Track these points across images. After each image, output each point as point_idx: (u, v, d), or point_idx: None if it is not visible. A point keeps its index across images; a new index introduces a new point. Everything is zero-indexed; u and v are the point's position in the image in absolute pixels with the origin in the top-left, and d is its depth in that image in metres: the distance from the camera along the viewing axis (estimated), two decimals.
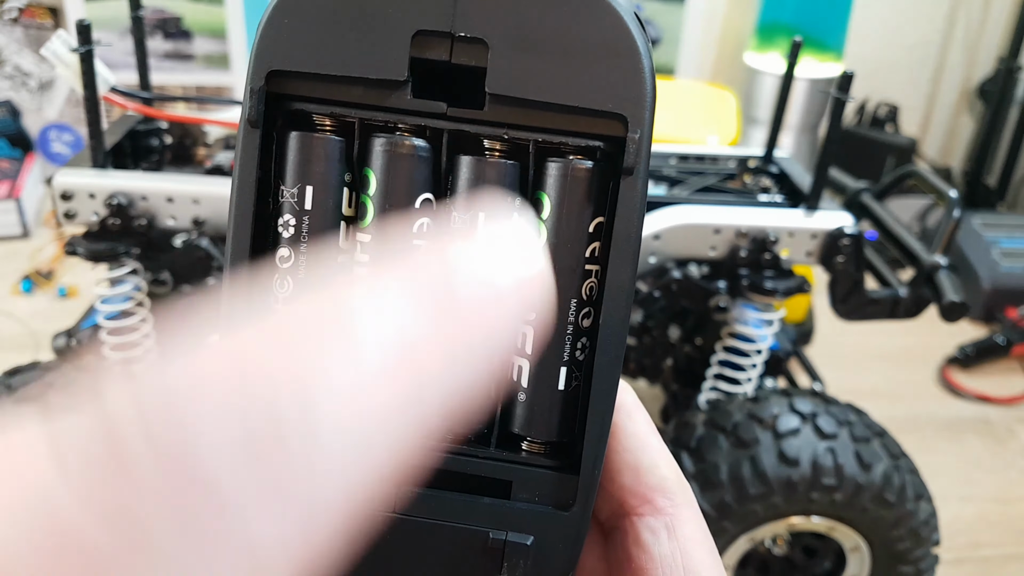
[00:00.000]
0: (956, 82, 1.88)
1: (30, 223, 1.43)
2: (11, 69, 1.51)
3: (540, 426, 0.22)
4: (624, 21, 0.20)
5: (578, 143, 0.21)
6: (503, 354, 0.15)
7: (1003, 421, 1.19)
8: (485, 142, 0.22)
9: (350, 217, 0.22)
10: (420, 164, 0.21)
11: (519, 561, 0.21)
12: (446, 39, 0.20)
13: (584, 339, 0.22)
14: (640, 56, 0.20)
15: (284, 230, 0.22)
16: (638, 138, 0.20)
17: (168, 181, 0.71)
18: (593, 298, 0.22)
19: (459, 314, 0.14)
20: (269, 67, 0.21)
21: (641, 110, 0.20)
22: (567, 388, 0.22)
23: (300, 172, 0.21)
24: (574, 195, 0.21)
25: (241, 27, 1.51)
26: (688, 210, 0.75)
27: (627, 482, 0.22)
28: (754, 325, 0.81)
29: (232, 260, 0.21)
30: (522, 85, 0.20)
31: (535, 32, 0.20)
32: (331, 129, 0.22)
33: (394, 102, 0.21)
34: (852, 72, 0.70)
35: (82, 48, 0.66)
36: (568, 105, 0.20)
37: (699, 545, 0.22)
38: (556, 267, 0.21)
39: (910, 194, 1.56)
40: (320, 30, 0.20)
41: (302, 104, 0.21)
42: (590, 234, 0.21)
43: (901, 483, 0.69)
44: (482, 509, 0.22)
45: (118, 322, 0.78)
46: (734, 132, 1.17)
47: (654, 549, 0.22)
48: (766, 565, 0.78)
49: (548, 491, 0.22)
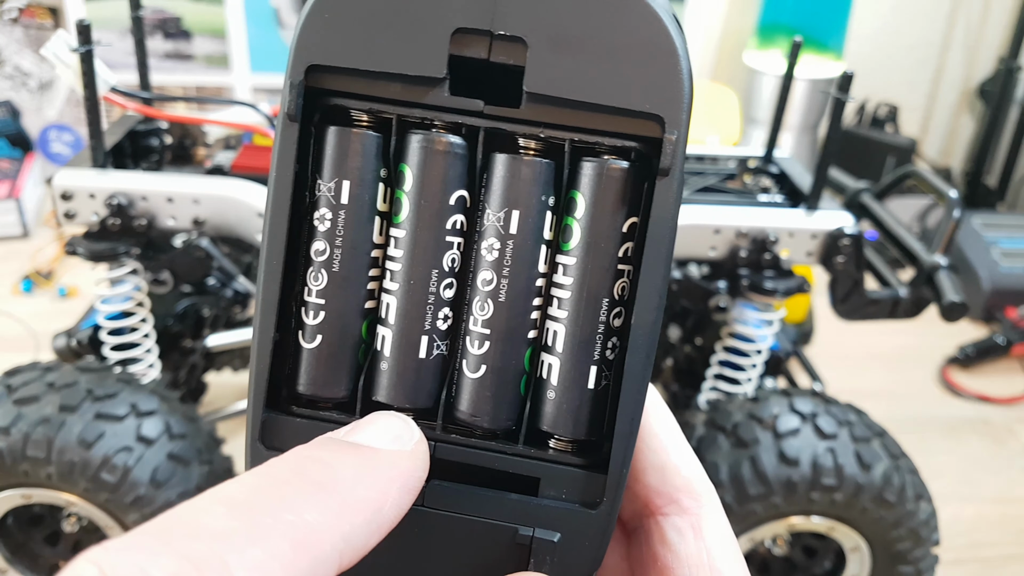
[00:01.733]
0: (956, 82, 1.88)
1: (30, 223, 1.43)
2: (11, 69, 1.51)
3: (569, 424, 0.22)
4: (663, 21, 0.20)
5: (613, 143, 0.21)
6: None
7: (1003, 421, 1.19)
8: (520, 140, 0.22)
9: (385, 212, 0.22)
10: (455, 161, 0.22)
11: (546, 557, 0.22)
12: (485, 37, 0.21)
13: (615, 339, 0.22)
14: (678, 57, 0.20)
15: (320, 224, 0.22)
16: (675, 139, 0.20)
17: (168, 181, 0.71)
18: (625, 298, 0.22)
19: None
20: (308, 61, 0.21)
21: (678, 111, 0.20)
22: (597, 387, 0.22)
23: (337, 167, 0.22)
24: (608, 195, 0.21)
25: (241, 27, 1.51)
26: (688, 210, 0.75)
27: (653, 482, 0.23)
28: (754, 325, 0.81)
29: (268, 253, 0.22)
30: (560, 84, 0.20)
31: (574, 32, 0.20)
32: (368, 124, 0.22)
33: (431, 99, 0.21)
34: (852, 72, 0.70)
35: (82, 48, 0.66)
36: (605, 105, 0.20)
37: (725, 545, 0.22)
38: (588, 266, 0.22)
39: (910, 194, 1.56)
40: (359, 26, 0.20)
41: (340, 100, 0.22)
42: (623, 234, 0.22)
43: (901, 483, 0.69)
44: (510, 505, 0.22)
45: (118, 322, 0.78)
46: (737, 130, 1.17)
47: (680, 548, 0.22)
48: (766, 565, 0.78)
49: (576, 489, 0.22)
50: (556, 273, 0.22)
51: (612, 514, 0.22)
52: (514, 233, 0.22)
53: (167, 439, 0.68)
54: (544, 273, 0.22)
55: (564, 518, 0.22)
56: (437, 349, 0.22)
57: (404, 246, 0.22)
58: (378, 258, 0.22)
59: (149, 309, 0.79)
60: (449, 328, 0.23)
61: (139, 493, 0.65)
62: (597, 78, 0.20)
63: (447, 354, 0.23)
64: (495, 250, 0.22)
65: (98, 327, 0.82)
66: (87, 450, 0.64)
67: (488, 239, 0.22)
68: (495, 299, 0.22)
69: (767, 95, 1.49)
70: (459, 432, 0.23)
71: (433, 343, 0.22)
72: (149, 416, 0.68)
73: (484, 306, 0.22)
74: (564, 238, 0.22)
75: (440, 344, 0.22)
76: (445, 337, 0.23)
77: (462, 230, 0.22)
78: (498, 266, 0.22)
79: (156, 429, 0.67)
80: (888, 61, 1.81)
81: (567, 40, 0.20)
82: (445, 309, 0.22)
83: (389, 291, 0.22)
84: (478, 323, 0.22)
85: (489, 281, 0.22)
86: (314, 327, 0.22)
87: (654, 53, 0.20)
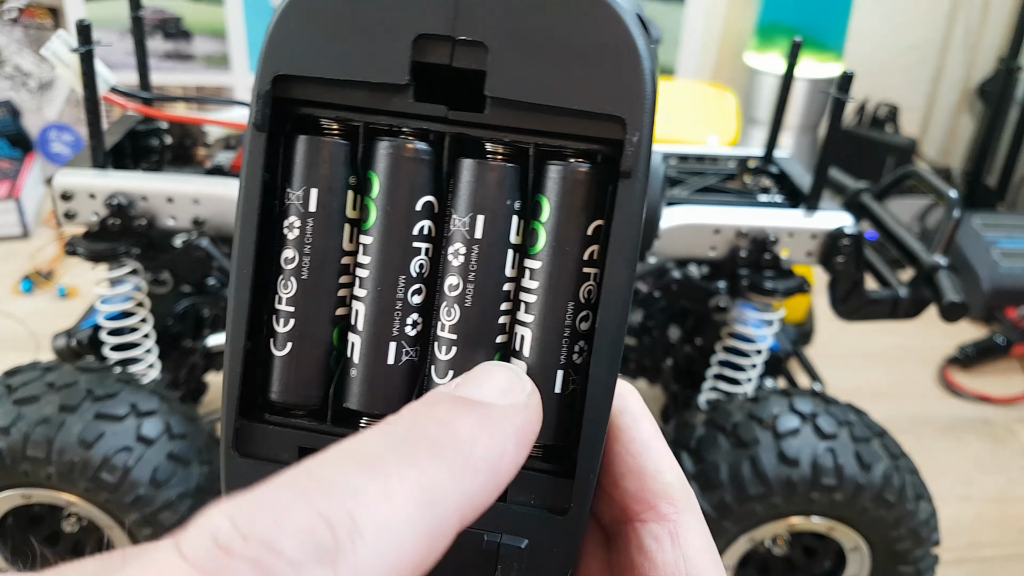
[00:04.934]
0: (956, 82, 1.88)
1: (30, 223, 1.43)
2: (11, 69, 1.51)
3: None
4: (624, 22, 0.20)
5: (578, 146, 0.21)
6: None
7: (1003, 421, 1.19)
8: (487, 145, 0.22)
9: (354, 219, 0.22)
10: (422, 167, 0.22)
11: (513, 564, 0.21)
12: (447, 43, 0.21)
13: (582, 342, 0.22)
14: (640, 57, 0.20)
15: (289, 232, 0.22)
16: (636, 140, 0.20)
17: (168, 181, 0.71)
18: (591, 301, 0.22)
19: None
20: (275, 71, 0.21)
21: (640, 112, 0.20)
22: (564, 391, 0.22)
23: (305, 175, 0.22)
24: (573, 198, 0.21)
25: (241, 27, 1.51)
26: (688, 210, 0.75)
27: (631, 487, 0.22)
28: (754, 325, 0.81)
29: (238, 261, 0.22)
30: (522, 88, 0.20)
31: (535, 34, 0.20)
32: (336, 133, 0.22)
33: (396, 105, 0.21)
34: (852, 72, 0.70)
35: (82, 48, 0.66)
36: (567, 108, 0.20)
37: (702, 552, 0.22)
38: (554, 270, 0.21)
39: (910, 194, 1.56)
40: (325, 35, 0.21)
41: (307, 108, 0.22)
42: (588, 237, 0.21)
43: (901, 483, 0.69)
44: None
45: (118, 322, 0.78)
46: (734, 132, 1.17)
47: (657, 556, 0.21)
48: (766, 565, 0.78)
49: (544, 494, 0.22)
50: (523, 277, 0.22)
51: (581, 520, 0.22)
52: (479, 238, 0.21)
53: (167, 439, 0.68)
54: (511, 277, 0.22)
55: (532, 524, 0.22)
56: (406, 355, 0.22)
57: (372, 252, 0.22)
58: (348, 265, 0.22)
59: (149, 309, 0.79)
60: (419, 334, 0.22)
61: (139, 493, 0.65)
62: (559, 81, 0.20)
63: (417, 360, 0.23)
64: (461, 255, 0.22)
65: (98, 327, 0.82)
66: (87, 450, 0.64)
67: (454, 244, 0.22)
68: (462, 304, 0.22)
69: (767, 95, 1.49)
70: None
71: (402, 349, 0.22)
72: (149, 416, 0.68)
73: (451, 311, 0.22)
74: (531, 242, 0.22)
75: (409, 350, 0.22)
76: (415, 343, 0.22)
77: (430, 236, 0.22)
78: (464, 271, 0.22)
79: (156, 429, 0.67)
80: (888, 61, 1.81)
81: (528, 43, 0.20)
82: (414, 315, 0.22)
83: (358, 298, 0.22)
84: (445, 328, 0.22)
85: (455, 286, 0.22)
86: (285, 334, 0.22)
87: (615, 54, 0.20)
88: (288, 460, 0.22)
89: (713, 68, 1.75)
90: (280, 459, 0.22)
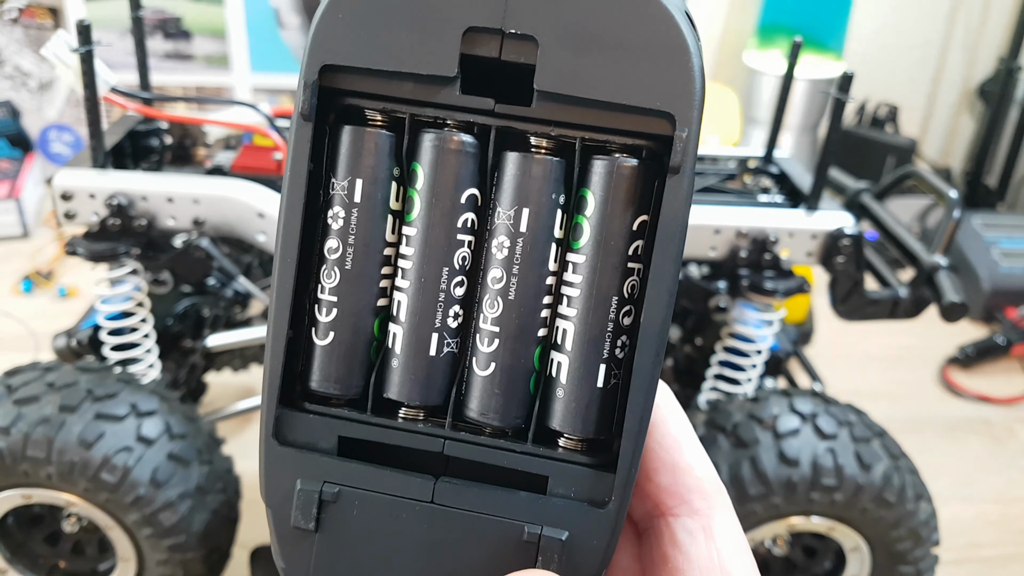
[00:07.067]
0: (956, 82, 1.88)
1: (30, 223, 1.43)
2: (11, 69, 1.51)
3: (578, 423, 0.22)
4: (674, 19, 0.20)
5: (624, 141, 0.21)
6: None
7: (1003, 421, 1.19)
8: (532, 139, 0.22)
9: (398, 211, 0.22)
10: (467, 159, 0.22)
11: (553, 555, 0.22)
12: (496, 36, 0.21)
13: (624, 337, 0.22)
14: (690, 54, 0.20)
15: (333, 222, 0.22)
16: (685, 137, 0.20)
17: (168, 181, 0.71)
18: (635, 296, 0.22)
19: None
20: (322, 61, 0.21)
21: (689, 108, 0.20)
22: (606, 385, 0.22)
23: (350, 166, 0.22)
24: (619, 193, 0.21)
25: (241, 27, 1.51)
26: None
27: (664, 482, 0.22)
28: (754, 325, 0.81)
29: (283, 250, 0.22)
30: (570, 82, 0.20)
31: (585, 30, 0.20)
32: (381, 124, 0.22)
33: (443, 98, 0.21)
34: (852, 72, 0.70)
35: (82, 48, 0.66)
36: (616, 103, 0.20)
37: (736, 547, 0.22)
38: (598, 264, 0.22)
39: (910, 194, 1.56)
40: (373, 26, 0.21)
41: (354, 99, 0.22)
42: (633, 232, 0.22)
43: (901, 483, 0.69)
44: (518, 503, 0.22)
45: (118, 322, 0.78)
46: (736, 131, 1.17)
47: (691, 550, 0.22)
48: (766, 565, 0.78)
49: (584, 487, 0.22)
50: (566, 271, 0.22)
51: (620, 513, 0.22)
52: (524, 231, 0.22)
53: (167, 439, 0.68)
54: (554, 271, 0.22)
55: (572, 517, 0.22)
56: (447, 347, 0.22)
57: (415, 244, 0.22)
58: (391, 256, 0.22)
59: (149, 309, 0.79)
60: (460, 326, 0.23)
61: (139, 493, 0.65)
62: (608, 76, 0.20)
63: (457, 352, 0.23)
64: (505, 248, 0.22)
65: (98, 327, 0.82)
66: (87, 450, 0.64)
67: (499, 237, 0.22)
68: (505, 297, 0.22)
69: (767, 95, 1.49)
70: (469, 430, 0.23)
71: (443, 341, 0.22)
72: (149, 416, 0.68)
73: (494, 304, 0.22)
74: (574, 236, 0.22)
75: (451, 342, 0.23)
76: (456, 335, 0.23)
77: (473, 228, 0.22)
78: (508, 264, 0.22)
79: (156, 429, 0.67)
80: (888, 61, 1.81)
81: (578, 38, 0.20)
82: (456, 307, 0.22)
83: (401, 289, 0.22)
84: (488, 321, 0.22)
85: (499, 279, 0.22)
86: (327, 324, 0.22)
87: (665, 50, 0.20)
88: (327, 449, 0.23)
89: (713, 68, 1.75)
90: (320, 448, 0.23)
